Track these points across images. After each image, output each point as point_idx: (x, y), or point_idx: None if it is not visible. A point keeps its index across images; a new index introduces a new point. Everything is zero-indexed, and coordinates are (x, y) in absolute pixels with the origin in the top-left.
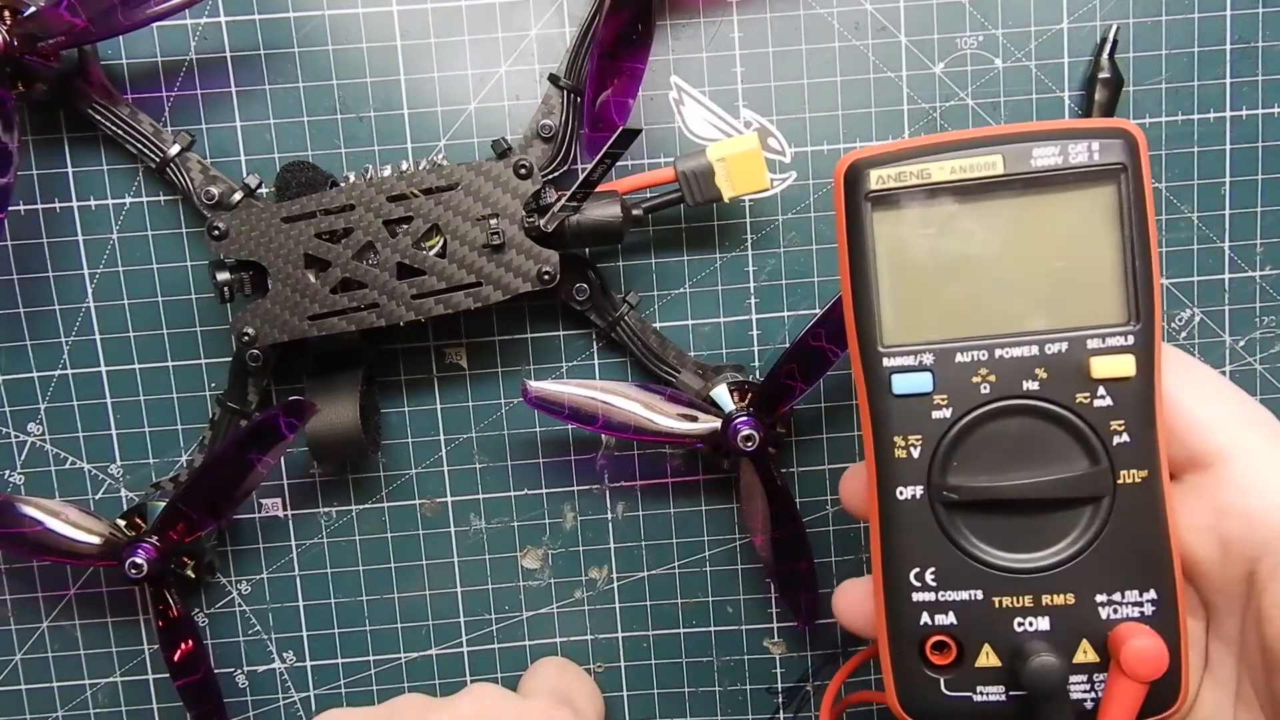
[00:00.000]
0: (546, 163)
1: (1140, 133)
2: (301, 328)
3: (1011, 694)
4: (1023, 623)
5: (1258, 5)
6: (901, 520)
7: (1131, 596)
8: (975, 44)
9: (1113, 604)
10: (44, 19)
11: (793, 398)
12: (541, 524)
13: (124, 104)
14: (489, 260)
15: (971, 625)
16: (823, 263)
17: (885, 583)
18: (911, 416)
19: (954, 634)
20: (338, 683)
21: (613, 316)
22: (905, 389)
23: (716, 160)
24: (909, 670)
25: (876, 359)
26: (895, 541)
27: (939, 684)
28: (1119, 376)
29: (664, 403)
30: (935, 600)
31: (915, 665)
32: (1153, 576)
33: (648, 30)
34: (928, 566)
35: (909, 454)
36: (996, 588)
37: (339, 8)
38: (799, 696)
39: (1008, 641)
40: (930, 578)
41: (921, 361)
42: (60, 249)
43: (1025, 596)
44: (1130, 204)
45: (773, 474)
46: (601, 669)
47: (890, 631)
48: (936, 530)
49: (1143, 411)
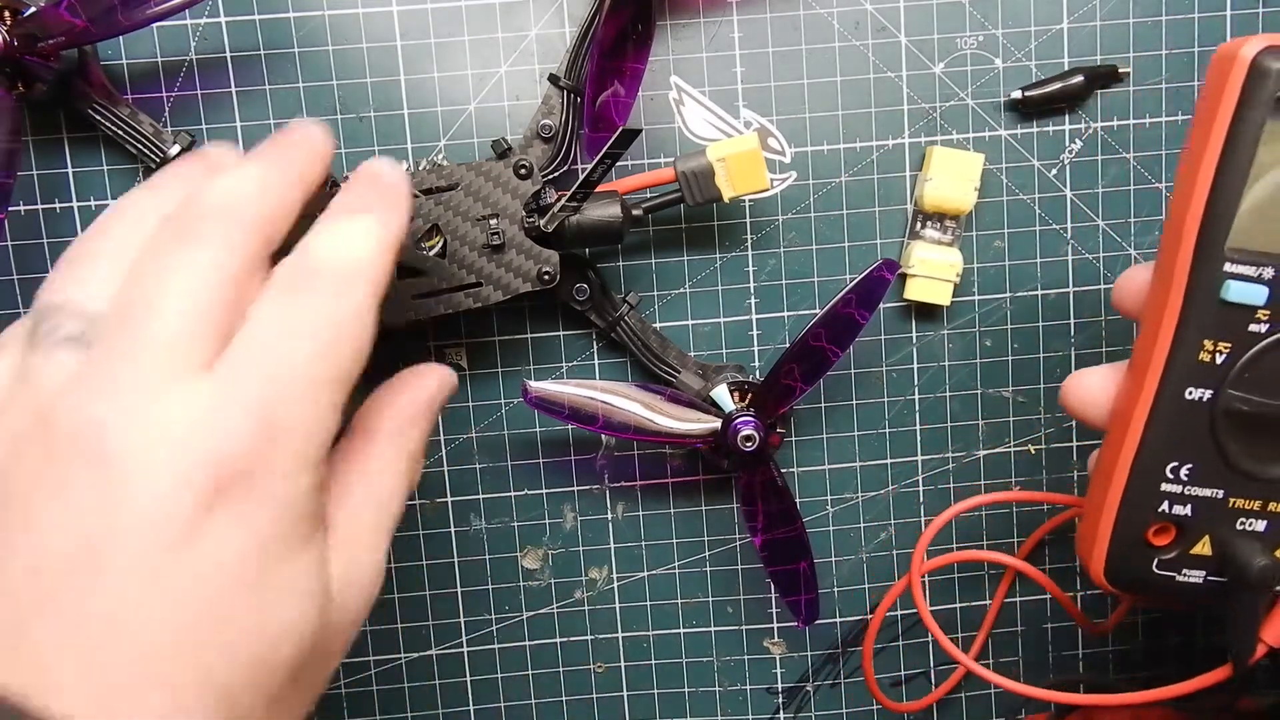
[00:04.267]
0: (546, 163)
1: None
2: None
3: (1210, 579)
4: (1244, 522)
5: (1258, 5)
6: (1178, 418)
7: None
8: (975, 44)
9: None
10: (44, 19)
11: (793, 398)
12: (541, 524)
13: (124, 104)
14: (489, 260)
15: (1202, 519)
16: (823, 263)
17: (1135, 466)
18: (1230, 324)
19: (1182, 523)
20: (338, 683)
21: (613, 316)
22: (1238, 297)
23: (716, 160)
24: (1128, 544)
25: (1215, 259)
26: (1163, 434)
27: (1152, 562)
28: None
29: (664, 403)
30: (1180, 493)
31: (1135, 541)
32: None
33: (648, 30)
34: (1186, 463)
35: (1212, 359)
36: (1237, 490)
37: (339, 8)
38: (799, 696)
39: (1227, 536)
40: (1184, 473)
41: (1261, 275)
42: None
43: (1256, 501)
44: None
45: (773, 474)
46: (602, 669)
47: (1123, 509)
48: (1208, 433)
49: None
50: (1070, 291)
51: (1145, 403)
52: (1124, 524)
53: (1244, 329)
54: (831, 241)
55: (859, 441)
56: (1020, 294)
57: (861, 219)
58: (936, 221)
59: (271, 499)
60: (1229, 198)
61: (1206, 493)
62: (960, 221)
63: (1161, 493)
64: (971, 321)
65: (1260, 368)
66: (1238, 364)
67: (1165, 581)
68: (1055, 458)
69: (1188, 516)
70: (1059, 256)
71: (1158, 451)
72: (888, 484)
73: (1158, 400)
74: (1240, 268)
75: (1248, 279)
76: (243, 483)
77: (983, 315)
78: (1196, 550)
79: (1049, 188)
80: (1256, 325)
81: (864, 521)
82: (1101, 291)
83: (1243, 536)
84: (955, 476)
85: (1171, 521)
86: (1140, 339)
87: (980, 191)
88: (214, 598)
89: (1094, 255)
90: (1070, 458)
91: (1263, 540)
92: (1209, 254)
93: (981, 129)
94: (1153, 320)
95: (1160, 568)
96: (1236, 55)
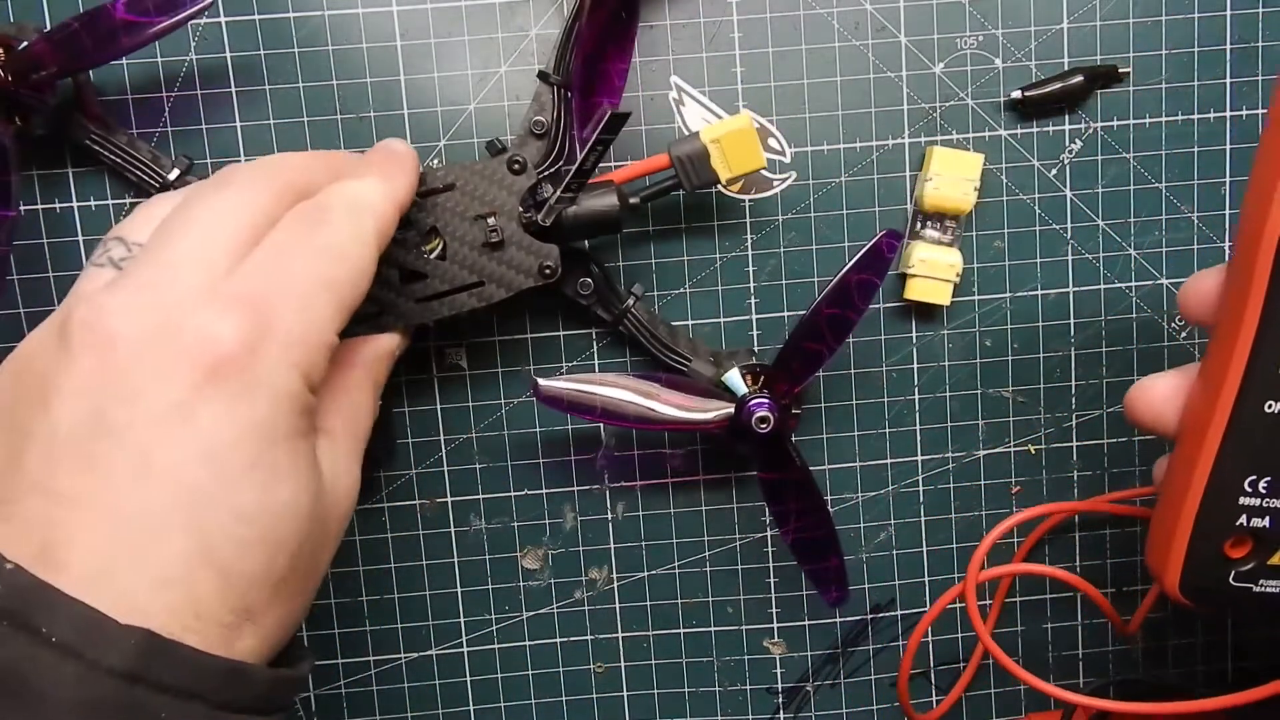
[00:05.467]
0: (541, 159)
1: None
2: None
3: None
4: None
5: (1258, 5)
6: (1258, 431)
7: None
8: (975, 44)
9: None
10: (37, 52)
11: (819, 363)
12: (541, 524)
13: (122, 133)
14: (490, 259)
15: None
16: (823, 263)
17: (1212, 479)
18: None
19: (1260, 535)
20: (338, 683)
21: (619, 309)
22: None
23: (710, 142)
24: (1204, 556)
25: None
26: (1242, 447)
27: (1229, 574)
28: None
29: (673, 392)
30: (1259, 505)
31: (1212, 554)
32: None
33: (632, 17)
34: (1265, 475)
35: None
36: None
37: (339, 8)
38: (799, 696)
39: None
40: (1264, 485)
41: None
42: (60, 249)
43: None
44: None
45: (791, 455)
46: (602, 669)
47: (1200, 521)
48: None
49: None
50: (1070, 291)
51: (1223, 414)
52: (1200, 538)
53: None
54: (831, 241)
55: (859, 441)
56: (1020, 294)
57: (861, 219)
58: (936, 221)
59: (265, 387)
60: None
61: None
62: (960, 221)
63: (1240, 506)
64: (971, 321)
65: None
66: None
67: (1242, 593)
68: (1055, 458)
69: (1266, 528)
70: (1059, 256)
71: (1236, 465)
72: (888, 484)
73: (1235, 412)
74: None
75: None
76: (235, 369)
77: (983, 315)
78: (1274, 561)
79: (1049, 188)
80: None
81: (864, 521)
82: (1101, 291)
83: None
84: (955, 477)
85: (1249, 534)
86: (1214, 347)
87: (980, 191)
88: (213, 473)
89: (1094, 255)
90: (1070, 458)
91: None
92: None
93: (981, 129)
94: (1229, 329)
95: (1237, 580)
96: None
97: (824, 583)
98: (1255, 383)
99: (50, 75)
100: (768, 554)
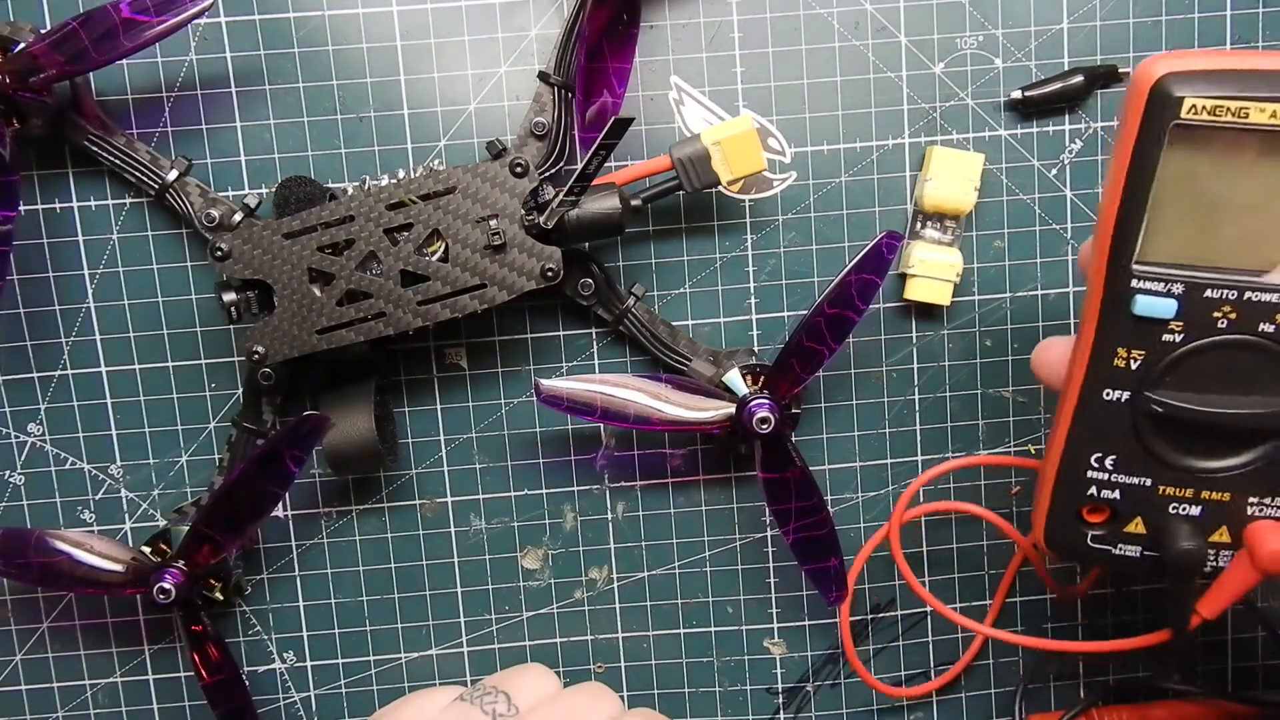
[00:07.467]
0: (542, 160)
1: None
2: (310, 342)
3: (1146, 554)
4: (1177, 507)
5: (1258, 5)
6: (1098, 415)
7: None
8: (975, 44)
9: (1261, 505)
10: (34, 55)
11: (819, 363)
12: (541, 524)
13: (119, 134)
14: (491, 261)
15: (1132, 503)
16: (823, 263)
17: (1065, 454)
18: (1141, 335)
19: (1114, 506)
20: (338, 683)
21: (620, 309)
22: (1146, 311)
23: (712, 144)
24: (1063, 519)
25: (1125, 274)
26: (1086, 429)
27: (1086, 535)
28: None
29: (674, 391)
30: (1107, 479)
31: (1069, 517)
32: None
33: (634, 19)
34: (1109, 454)
35: (1127, 365)
36: (1165, 479)
37: (339, 8)
38: (799, 696)
39: (1159, 519)
40: (1109, 463)
41: (1170, 289)
42: (60, 249)
43: (1188, 490)
44: None
45: (791, 455)
46: (602, 669)
47: (1056, 488)
48: (1129, 430)
49: None
50: (1070, 291)
51: (1070, 400)
52: (1058, 502)
53: (1157, 339)
54: (831, 241)
55: (859, 441)
56: (1020, 294)
57: (861, 219)
58: (936, 221)
59: None
60: (1135, 213)
61: (1134, 481)
62: (960, 221)
63: (1089, 479)
64: (971, 321)
65: (1179, 373)
66: (1152, 370)
67: (1101, 554)
68: None
69: (1118, 500)
70: (1059, 256)
71: (1082, 444)
72: (888, 484)
73: (1080, 399)
74: (1147, 282)
75: (1155, 294)
76: None
77: (983, 315)
78: (1130, 529)
79: (1049, 188)
80: (1170, 335)
81: (864, 521)
82: None
83: (1175, 520)
84: (955, 476)
85: (1105, 504)
86: (1076, 342)
87: (980, 191)
88: None
89: None
90: None
91: (1194, 524)
92: (1118, 270)
93: (981, 129)
94: (1083, 327)
95: (1095, 541)
96: (1138, 78)
97: (824, 583)
98: (1094, 374)
99: (49, 77)
100: (768, 554)
